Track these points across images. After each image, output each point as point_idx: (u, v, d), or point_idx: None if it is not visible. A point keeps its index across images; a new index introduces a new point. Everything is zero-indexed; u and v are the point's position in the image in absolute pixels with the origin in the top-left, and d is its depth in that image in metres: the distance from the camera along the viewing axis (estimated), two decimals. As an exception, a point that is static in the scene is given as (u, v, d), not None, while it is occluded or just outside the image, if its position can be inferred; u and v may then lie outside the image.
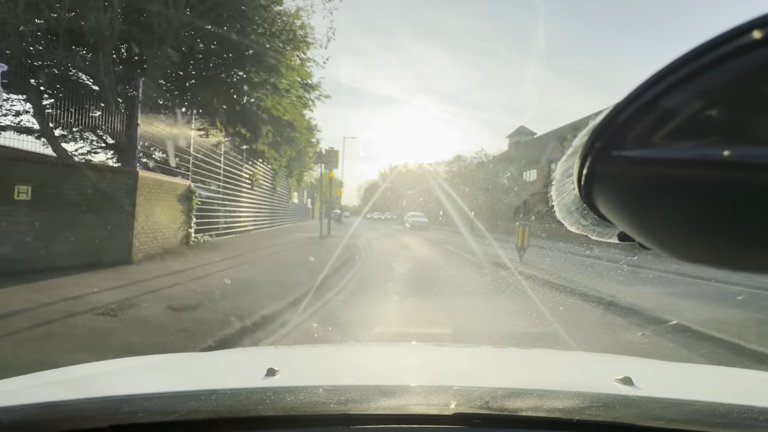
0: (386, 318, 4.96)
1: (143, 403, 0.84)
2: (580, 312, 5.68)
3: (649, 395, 0.96)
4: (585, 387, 1.08)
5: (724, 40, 0.24)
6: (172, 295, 5.27)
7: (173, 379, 1.27)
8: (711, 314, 5.49)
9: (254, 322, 4.33)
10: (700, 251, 0.32)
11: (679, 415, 0.84)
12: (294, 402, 0.85)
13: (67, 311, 4.26)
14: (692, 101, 0.25)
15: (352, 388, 0.93)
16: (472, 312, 5.43)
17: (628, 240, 0.39)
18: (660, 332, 4.78)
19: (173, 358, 1.66)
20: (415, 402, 0.86)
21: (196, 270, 7.15)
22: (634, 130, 0.28)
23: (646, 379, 1.15)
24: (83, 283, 5.50)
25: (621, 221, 0.35)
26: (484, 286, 7.50)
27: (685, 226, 0.30)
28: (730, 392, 1.22)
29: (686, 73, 0.25)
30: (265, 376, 1.04)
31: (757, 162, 0.24)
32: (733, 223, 0.27)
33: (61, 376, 1.22)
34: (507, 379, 1.32)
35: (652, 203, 0.30)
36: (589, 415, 0.82)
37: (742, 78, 0.24)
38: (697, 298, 6.60)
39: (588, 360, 1.89)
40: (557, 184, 0.43)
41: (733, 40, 0.23)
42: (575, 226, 0.44)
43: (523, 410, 0.83)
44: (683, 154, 0.27)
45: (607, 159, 0.30)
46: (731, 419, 0.83)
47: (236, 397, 0.88)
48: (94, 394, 0.92)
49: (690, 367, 1.84)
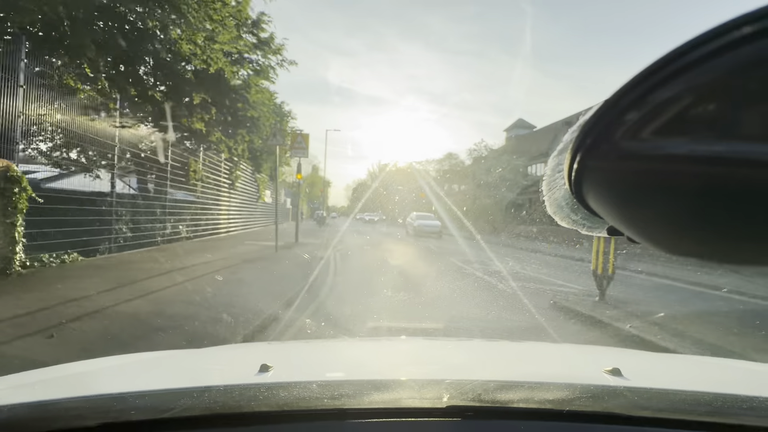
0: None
1: (135, 400, 0.82)
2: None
3: (637, 386, 1.00)
4: (575, 378, 1.11)
5: (712, 36, 0.24)
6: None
7: (165, 376, 1.24)
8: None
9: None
10: (688, 245, 0.33)
11: (665, 404, 0.88)
12: (287, 397, 0.84)
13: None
14: (681, 97, 0.26)
15: (346, 382, 0.94)
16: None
17: (617, 234, 0.39)
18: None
19: (165, 355, 1.66)
20: (408, 395, 0.87)
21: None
22: (623, 125, 0.28)
23: (634, 370, 1.17)
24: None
25: (610, 216, 0.35)
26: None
27: (673, 221, 0.31)
28: (715, 381, 1.26)
29: (675, 68, 0.25)
30: (259, 372, 1.04)
31: (745, 158, 0.24)
32: (721, 218, 0.27)
33: (51, 375, 1.19)
34: (499, 372, 1.35)
35: (641, 198, 0.30)
36: (579, 405, 0.85)
37: (731, 74, 0.24)
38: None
39: (578, 352, 1.91)
40: (548, 179, 0.42)
41: (721, 36, 0.24)
42: (565, 221, 0.43)
43: (514, 402, 0.85)
44: (672, 150, 0.27)
45: (596, 154, 0.30)
46: (715, 407, 0.87)
47: (229, 393, 0.86)
48: (84, 392, 0.91)
49: (676, 358, 1.83)
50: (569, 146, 0.33)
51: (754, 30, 0.23)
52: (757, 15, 0.23)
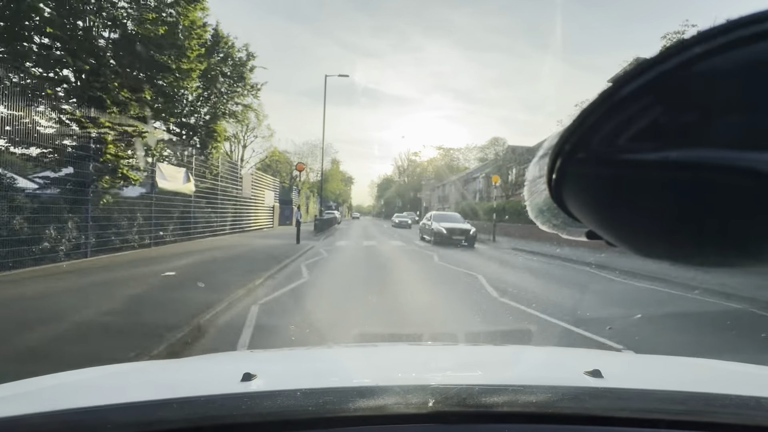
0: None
1: (108, 414, 0.79)
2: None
3: (616, 386, 1.03)
4: (557, 381, 1.09)
5: (682, 47, 0.25)
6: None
7: (143, 387, 1.21)
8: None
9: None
10: (662, 249, 0.34)
11: (642, 404, 0.90)
12: (271, 407, 0.83)
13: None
14: (654, 105, 0.27)
15: (330, 390, 0.93)
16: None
17: (596, 238, 0.40)
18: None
19: (145, 365, 1.64)
20: (393, 401, 0.86)
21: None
22: (600, 132, 0.29)
23: (614, 372, 1.22)
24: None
25: (589, 220, 0.36)
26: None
27: (647, 225, 0.32)
28: (689, 381, 1.29)
29: (648, 78, 0.26)
30: (242, 381, 1.02)
31: (714, 164, 0.25)
32: (692, 222, 0.28)
33: (22, 389, 1.14)
34: (483, 376, 1.33)
35: (617, 203, 0.32)
36: (561, 407, 0.86)
37: (700, 84, 0.25)
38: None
39: (560, 355, 1.93)
40: (529, 185, 0.43)
41: (690, 47, 0.25)
42: (546, 225, 0.44)
43: (498, 405, 0.85)
44: (645, 156, 0.28)
45: (575, 160, 0.31)
46: (690, 406, 0.89)
47: (211, 404, 0.84)
48: (56, 406, 0.86)
49: (654, 358, 1.80)
50: (549, 153, 0.34)
51: (722, 42, 0.24)
52: (723, 29, 0.24)
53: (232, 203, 18.25)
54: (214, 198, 16.13)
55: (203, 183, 15.18)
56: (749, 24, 0.24)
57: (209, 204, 15.56)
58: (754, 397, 0.92)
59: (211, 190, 15.95)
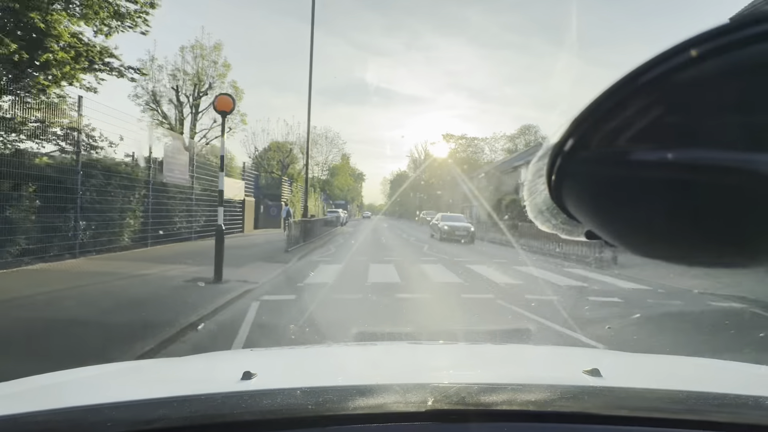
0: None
1: (110, 412, 0.80)
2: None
3: (615, 385, 1.03)
4: (556, 380, 1.12)
5: (680, 49, 0.25)
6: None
7: (143, 386, 1.20)
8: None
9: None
10: (660, 248, 0.34)
11: (641, 403, 0.91)
12: (271, 405, 0.83)
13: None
14: (653, 106, 0.27)
15: (330, 389, 0.93)
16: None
17: (594, 238, 0.40)
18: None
19: (145, 364, 1.71)
20: (392, 400, 0.86)
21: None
22: (600, 132, 0.29)
23: (612, 370, 1.22)
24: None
25: (588, 220, 0.36)
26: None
27: (646, 225, 0.32)
28: (688, 380, 1.30)
29: (647, 79, 0.26)
30: (241, 380, 1.02)
31: (711, 164, 0.26)
32: (690, 222, 0.29)
33: (22, 387, 1.15)
34: (482, 375, 1.35)
35: (616, 203, 0.32)
36: (560, 406, 0.87)
37: (698, 86, 0.25)
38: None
39: (559, 354, 1.95)
40: (529, 184, 0.43)
41: (688, 49, 0.25)
42: (546, 225, 0.44)
43: (497, 404, 0.86)
44: (644, 157, 0.28)
45: (575, 160, 0.32)
46: (688, 405, 0.89)
47: (211, 402, 0.85)
48: (56, 404, 0.87)
49: (653, 357, 1.79)
50: (549, 152, 0.34)
51: (721, 44, 0.24)
52: (722, 30, 0.24)
53: (137, 194, 10.56)
54: (73, 186, 8.41)
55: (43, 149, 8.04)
56: (748, 25, 0.24)
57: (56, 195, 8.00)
58: (752, 396, 0.92)
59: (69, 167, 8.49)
